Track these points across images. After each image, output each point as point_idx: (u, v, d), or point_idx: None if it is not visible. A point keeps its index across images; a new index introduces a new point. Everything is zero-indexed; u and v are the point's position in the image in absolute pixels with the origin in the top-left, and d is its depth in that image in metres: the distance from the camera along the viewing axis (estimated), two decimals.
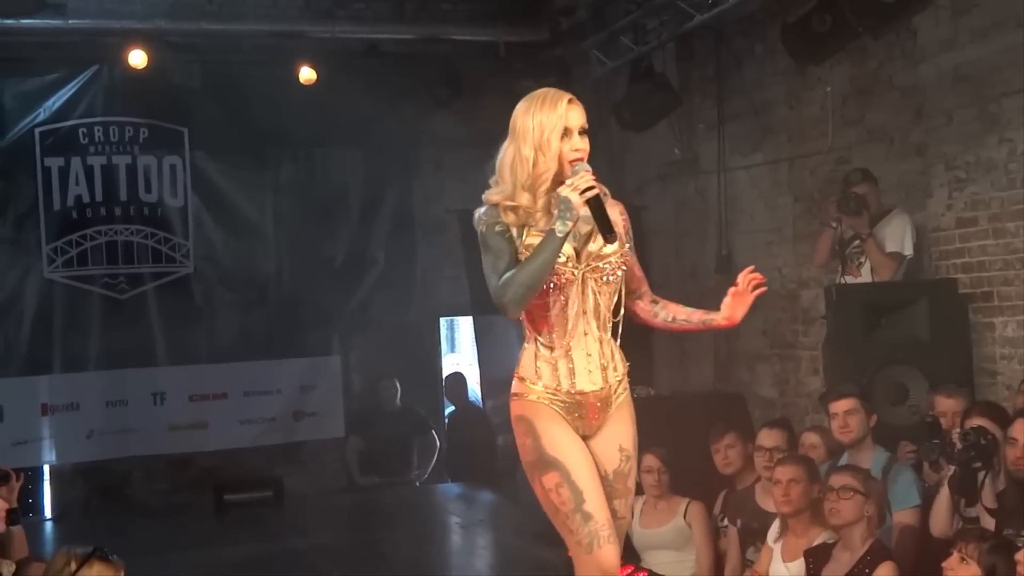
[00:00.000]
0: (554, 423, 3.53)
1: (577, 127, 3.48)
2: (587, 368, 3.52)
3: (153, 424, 9.04)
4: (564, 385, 3.52)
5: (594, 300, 3.50)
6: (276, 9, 9.07)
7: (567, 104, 3.49)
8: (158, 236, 9.16)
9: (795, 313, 7.91)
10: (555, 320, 3.51)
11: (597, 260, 3.52)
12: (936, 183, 6.69)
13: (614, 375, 3.57)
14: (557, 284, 3.46)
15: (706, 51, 8.56)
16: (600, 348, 3.54)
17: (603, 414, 3.57)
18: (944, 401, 5.37)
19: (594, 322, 3.52)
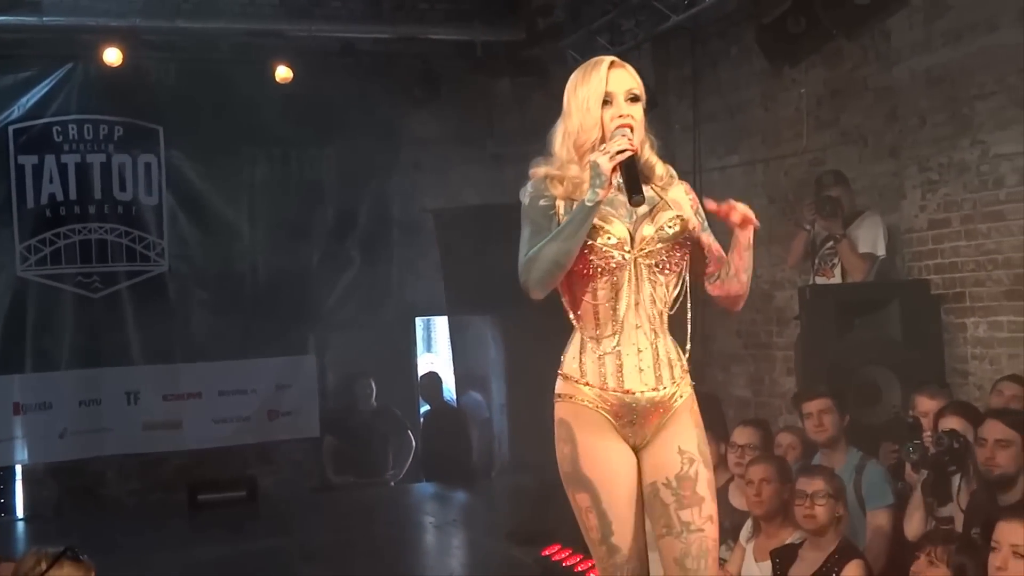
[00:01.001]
0: (597, 433, 3.20)
1: (622, 92, 3.19)
2: (638, 367, 3.17)
3: (127, 423, 9.01)
4: (611, 384, 3.17)
5: (650, 290, 3.16)
6: (252, 7, 9.03)
7: (607, 68, 3.21)
8: (132, 235, 9.12)
9: (769, 314, 7.95)
10: (603, 311, 3.17)
11: (654, 244, 3.17)
12: (909, 184, 6.73)
13: (670, 376, 3.20)
14: (605, 269, 3.14)
15: (682, 52, 8.59)
16: (654, 345, 3.19)
17: (659, 419, 3.21)
18: (926, 402, 5.38)
19: (648, 315, 3.17)
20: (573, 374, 3.22)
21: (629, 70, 3.25)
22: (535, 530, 6.51)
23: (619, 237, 3.14)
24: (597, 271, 3.14)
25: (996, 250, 6.17)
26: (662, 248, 3.16)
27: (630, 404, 3.18)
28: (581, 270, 3.14)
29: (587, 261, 3.13)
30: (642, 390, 3.17)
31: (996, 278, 6.19)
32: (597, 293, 3.16)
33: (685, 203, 3.25)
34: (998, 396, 5.60)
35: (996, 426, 4.45)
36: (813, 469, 4.96)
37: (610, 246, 3.13)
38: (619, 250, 3.14)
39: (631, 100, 3.19)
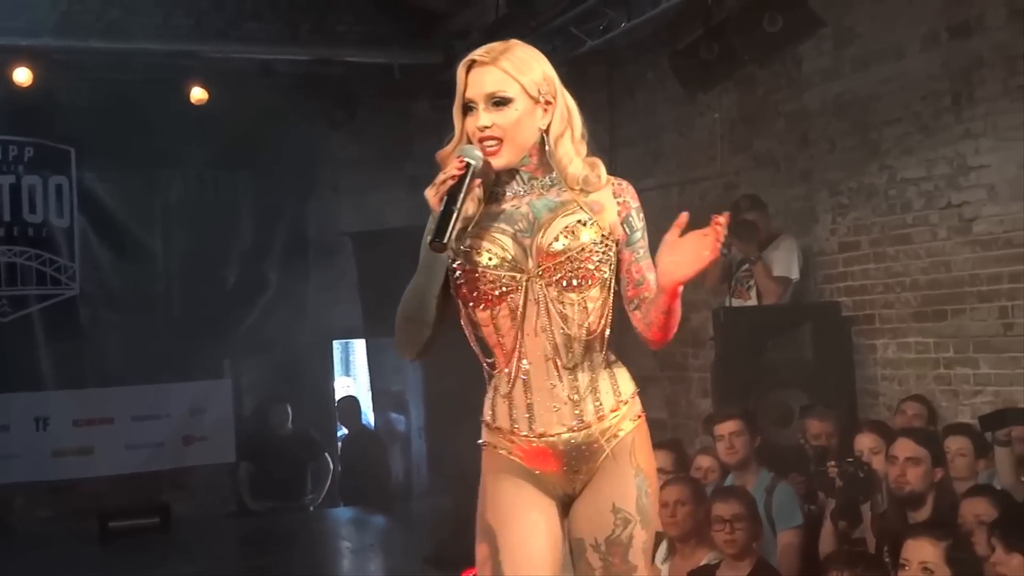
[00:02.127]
0: (506, 480, 2.78)
1: (482, 97, 2.69)
2: (551, 405, 2.73)
3: (36, 450, 8.81)
4: (522, 428, 2.74)
5: (556, 313, 2.69)
6: (167, 28, 8.94)
7: (466, 71, 2.73)
8: (43, 257, 8.95)
9: (684, 335, 8.01)
10: (506, 343, 2.73)
11: (551, 258, 2.69)
12: (821, 208, 6.87)
13: (595, 412, 2.74)
14: (495, 295, 2.69)
15: (598, 77, 8.67)
16: (573, 377, 2.73)
17: (589, 464, 2.76)
18: (815, 424, 5.51)
19: (561, 342, 2.70)
20: (488, 419, 2.82)
21: (502, 63, 2.71)
22: (453, 554, 6.47)
23: (501, 256, 2.69)
24: (487, 298, 2.70)
25: (903, 273, 6.31)
26: (565, 261, 2.68)
27: (545, 450, 2.75)
28: (473, 299, 2.72)
29: (475, 287, 2.70)
30: (558, 432, 2.73)
31: (904, 300, 6.32)
32: (496, 323, 2.72)
33: (610, 205, 2.75)
34: (902, 415, 5.75)
35: (907, 444, 4.54)
36: (727, 491, 5.00)
37: (494, 267, 2.68)
38: (507, 271, 2.69)
39: (496, 104, 2.69)
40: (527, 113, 2.72)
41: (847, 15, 6.56)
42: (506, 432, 2.77)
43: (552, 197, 2.74)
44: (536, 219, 2.71)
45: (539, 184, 2.77)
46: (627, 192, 2.78)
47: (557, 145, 2.75)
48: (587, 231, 2.69)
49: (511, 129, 2.70)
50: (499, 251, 2.69)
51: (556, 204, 2.72)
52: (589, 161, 2.78)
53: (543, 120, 2.74)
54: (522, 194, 2.76)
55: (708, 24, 6.54)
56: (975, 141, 5.89)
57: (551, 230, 2.68)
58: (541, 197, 2.75)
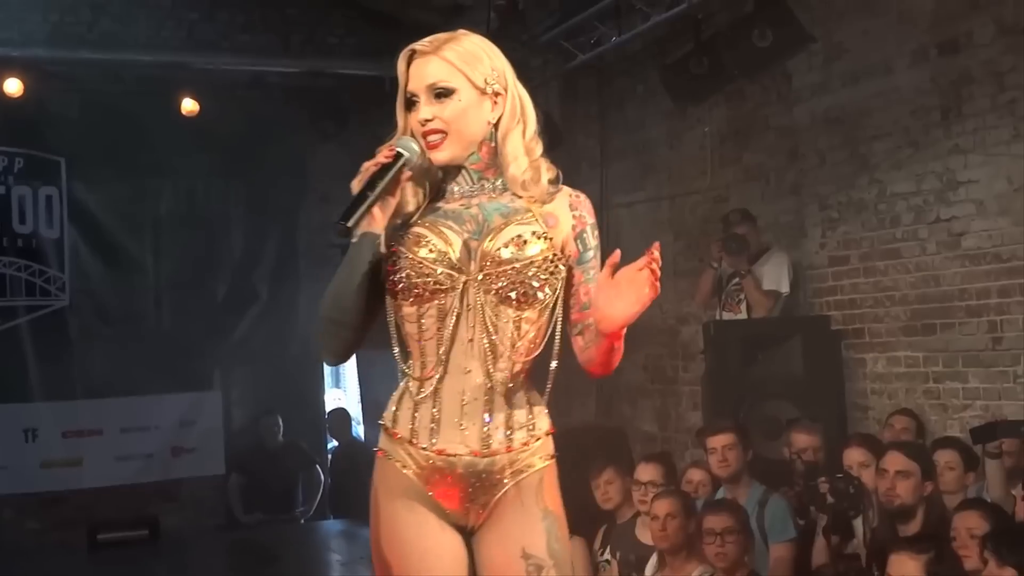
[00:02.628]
0: (401, 503, 2.53)
1: (422, 89, 2.51)
2: (458, 421, 2.48)
3: (24, 461, 8.77)
4: (422, 440, 2.49)
5: (489, 323, 2.46)
6: (158, 39, 8.94)
7: (406, 62, 2.54)
8: (32, 268, 8.92)
9: (675, 348, 8.04)
10: (427, 345, 2.49)
11: (498, 266, 2.47)
12: (810, 222, 6.89)
13: (505, 440, 2.50)
14: (426, 289, 2.46)
15: (589, 90, 8.70)
16: (488, 397, 2.48)
17: (483, 495, 2.52)
18: (800, 437, 5.53)
19: (483, 357, 2.47)
20: (387, 422, 2.57)
21: (444, 53, 2.52)
22: None
23: (442, 251, 2.47)
24: (417, 293, 2.47)
25: (893, 287, 6.34)
26: (509, 271, 2.46)
27: (442, 469, 2.49)
28: (402, 292, 2.49)
29: (407, 279, 2.47)
30: (460, 453, 2.48)
31: (893, 314, 6.35)
32: (421, 321, 2.49)
33: (565, 219, 2.57)
34: (890, 429, 5.77)
35: (897, 457, 4.56)
36: (719, 504, 5.01)
37: (431, 260, 2.47)
38: (445, 267, 2.47)
39: (438, 96, 2.50)
40: (472, 105, 2.52)
41: (837, 31, 6.60)
42: (404, 442, 2.52)
43: (505, 202, 2.55)
44: (486, 222, 2.51)
45: (490, 185, 2.57)
46: (583, 206, 2.60)
47: (505, 141, 2.56)
48: (536, 245, 2.48)
49: (455, 122, 2.51)
50: (442, 245, 2.48)
51: (509, 210, 2.53)
52: (536, 164, 2.58)
53: (492, 114, 2.55)
54: (471, 194, 2.57)
55: (698, 39, 6.59)
56: (964, 156, 5.93)
57: (501, 236, 2.48)
58: (492, 200, 2.55)
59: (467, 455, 2.49)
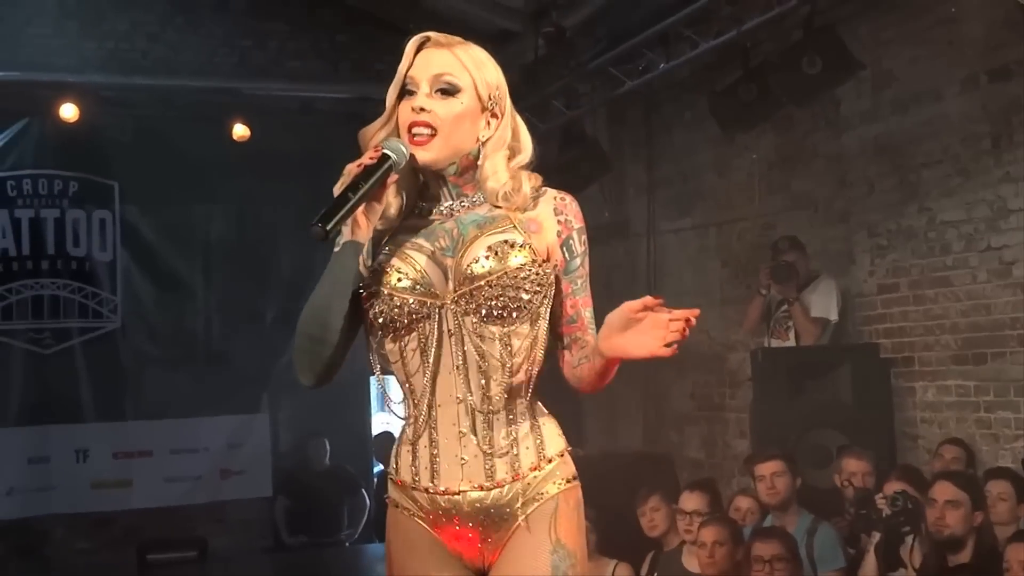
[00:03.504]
0: (413, 552, 2.38)
1: (427, 78, 2.33)
2: (459, 457, 2.31)
3: (75, 481, 8.86)
4: (423, 482, 2.33)
5: (473, 345, 2.28)
6: (210, 66, 9.07)
7: (414, 47, 2.37)
8: (86, 291, 9.04)
9: (722, 376, 8.01)
10: (414, 381, 2.33)
11: (472, 282, 2.28)
12: (859, 250, 6.86)
13: (510, 469, 2.31)
14: (402, 322, 2.29)
15: (637, 117, 8.72)
16: (487, 426, 2.31)
17: (495, 532, 2.33)
18: (851, 463, 5.48)
19: (474, 383, 2.30)
20: (391, 470, 2.42)
21: (458, 53, 2.37)
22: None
23: (413, 277, 2.29)
24: (395, 327, 2.30)
25: (943, 315, 6.28)
26: (486, 287, 2.27)
27: (449, 511, 2.32)
28: (379, 328, 2.33)
29: (381, 314, 2.31)
30: (463, 490, 2.31)
31: (944, 343, 6.29)
32: (404, 356, 2.33)
33: (549, 224, 2.39)
34: (939, 459, 5.71)
35: (946, 487, 4.51)
36: (768, 531, 4.98)
37: (402, 290, 2.29)
38: (417, 295, 2.29)
39: (441, 91, 2.33)
40: (471, 114, 2.35)
41: (886, 58, 6.58)
42: (408, 487, 2.36)
43: (483, 212, 2.36)
44: (461, 236, 2.32)
45: (468, 200, 2.39)
46: (569, 210, 2.42)
47: (486, 160, 2.38)
48: (517, 254, 2.29)
49: (449, 123, 2.32)
50: (410, 270, 2.29)
51: (484, 220, 2.34)
52: (516, 176, 2.40)
53: (484, 132, 2.38)
54: (448, 211, 2.38)
55: (747, 66, 6.59)
56: (1015, 184, 5.88)
57: (473, 249, 2.29)
58: (470, 212, 2.38)
59: (471, 490, 2.31)
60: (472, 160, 2.38)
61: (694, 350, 8.21)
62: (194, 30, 9.07)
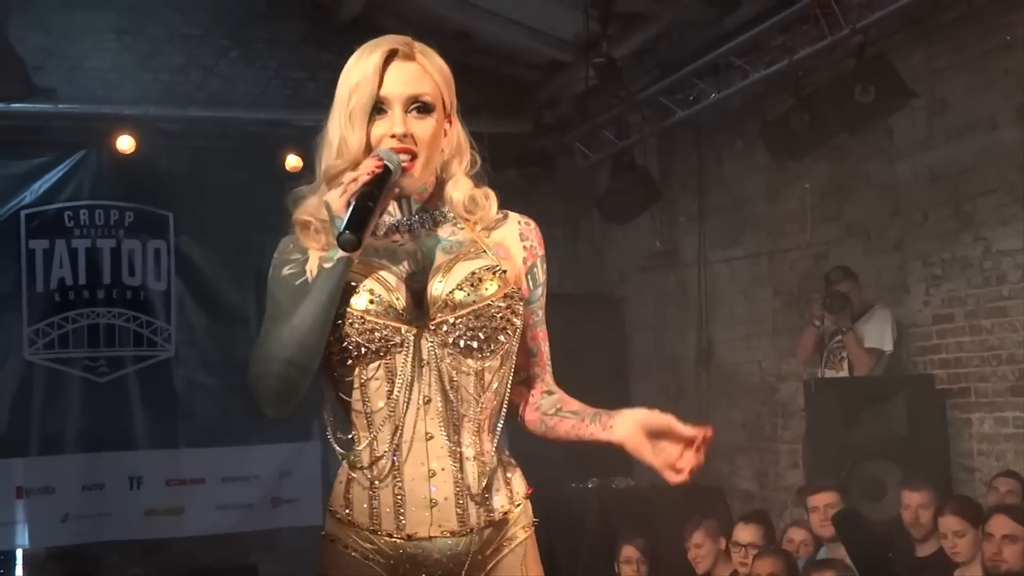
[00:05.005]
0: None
1: (401, 99, 2.16)
2: (428, 499, 2.13)
3: (129, 509, 8.94)
4: (387, 527, 2.14)
5: (447, 379, 2.12)
6: (264, 97, 9.20)
7: (382, 59, 2.15)
8: (140, 320, 9.15)
9: (774, 406, 7.94)
10: (376, 414, 2.14)
11: (449, 311, 2.12)
12: (913, 279, 6.78)
13: (483, 512, 2.15)
14: (372, 350, 2.11)
15: (687, 146, 8.70)
16: (458, 465, 2.13)
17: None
18: (910, 495, 5.40)
19: (449, 419, 2.13)
20: (338, 509, 2.21)
21: (422, 61, 2.20)
22: None
23: (387, 301, 2.11)
24: (359, 353, 2.11)
25: (1000, 346, 6.20)
26: (466, 317, 2.12)
27: (415, 557, 2.14)
28: (338, 353, 2.13)
29: (345, 338, 2.11)
30: (432, 535, 2.13)
31: (1001, 374, 6.20)
32: (366, 387, 2.14)
33: (516, 250, 2.26)
34: (994, 492, 5.61)
35: (1003, 521, 4.45)
36: (825, 564, 4.93)
37: (375, 314, 2.10)
38: (392, 320, 2.11)
39: (418, 111, 2.17)
40: (440, 129, 2.22)
41: (940, 85, 6.52)
42: (363, 529, 2.16)
43: (446, 236, 2.20)
44: (426, 260, 2.16)
45: (428, 217, 2.23)
46: (534, 235, 2.29)
47: (446, 168, 2.26)
48: (492, 284, 2.14)
49: (428, 144, 2.17)
50: (383, 292, 2.11)
51: (453, 244, 2.19)
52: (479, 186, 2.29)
53: (445, 141, 2.26)
54: (406, 228, 2.21)
55: (799, 95, 6.57)
56: None
57: (453, 276, 2.13)
58: (431, 234, 2.21)
59: (442, 536, 2.13)
60: (436, 174, 2.26)
61: (745, 380, 8.15)
62: (248, 63, 9.20)
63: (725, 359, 8.42)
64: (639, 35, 7.76)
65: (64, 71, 8.59)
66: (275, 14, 9.29)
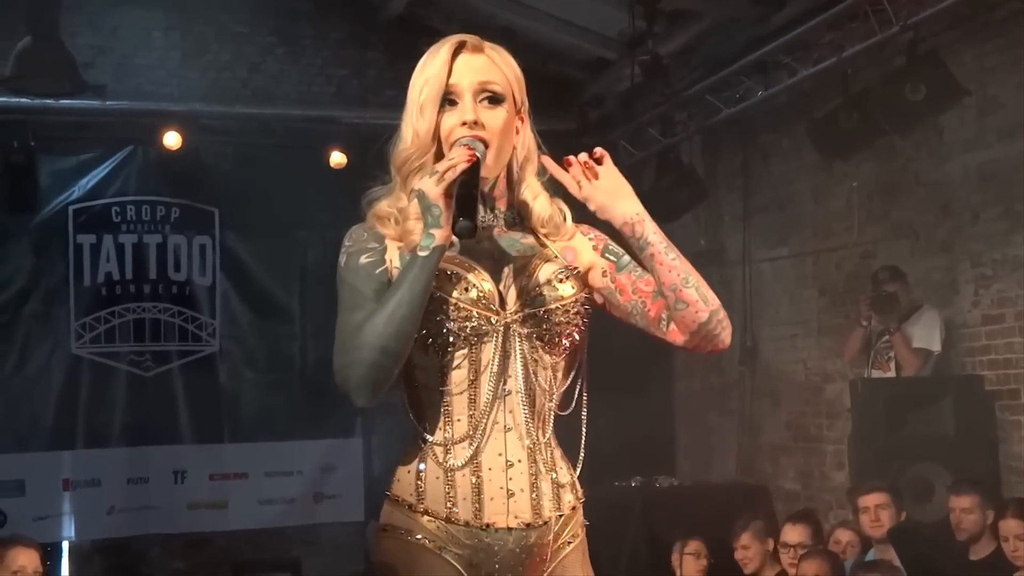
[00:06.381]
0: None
1: (471, 87, 2.17)
2: (505, 489, 2.14)
3: (173, 502, 9.01)
4: (462, 515, 2.14)
5: (527, 373, 2.15)
6: (309, 94, 9.24)
7: (451, 52, 2.19)
8: (185, 315, 9.20)
9: (819, 406, 7.88)
10: (455, 402, 2.16)
11: (535, 306, 2.16)
12: (962, 280, 6.70)
13: (554, 506, 2.19)
14: (461, 336, 2.13)
15: (733, 144, 8.65)
16: (532, 458, 2.16)
17: (534, 573, 2.17)
18: (955, 499, 5.34)
19: (526, 412, 2.16)
20: (407, 497, 2.19)
21: (491, 54, 2.22)
22: None
23: (482, 290, 2.14)
24: (450, 341, 2.12)
25: None
26: (545, 313, 2.15)
27: (491, 547, 2.14)
28: (426, 340, 2.13)
29: (437, 325, 2.12)
30: (510, 525, 2.14)
31: None
32: (448, 375, 2.15)
33: (583, 246, 2.29)
34: None
35: None
36: (873, 566, 4.89)
37: (469, 302, 2.13)
38: (483, 309, 2.13)
39: (488, 101, 2.18)
40: (510, 123, 2.22)
41: (992, 84, 6.44)
42: (439, 519, 2.14)
43: (516, 237, 2.24)
44: (505, 257, 2.20)
45: (502, 216, 2.26)
46: (595, 230, 2.32)
47: (523, 172, 2.28)
48: (568, 285, 2.20)
49: (498, 135, 2.18)
50: (478, 282, 2.14)
51: (525, 247, 2.22)
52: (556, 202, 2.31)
53: (516, 139, 2.26)
54: (483, 225, 2.20)
55: (847, 93, 6.50)
56: None
57: (539, 272, 2.18)
58: (505, 234, 2.25)
59: (519, 527, 2.14)
60: (506, 171, 2.27)
61: (790, 380, 8.09)
62: (294, 60, 9.24)
63: (770, 359, 8.36)
64: (685, 32, 7.71)
65: (113, 68, 8.67)
66: (321, 12, 9.32)
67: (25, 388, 8.70)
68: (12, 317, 8.70)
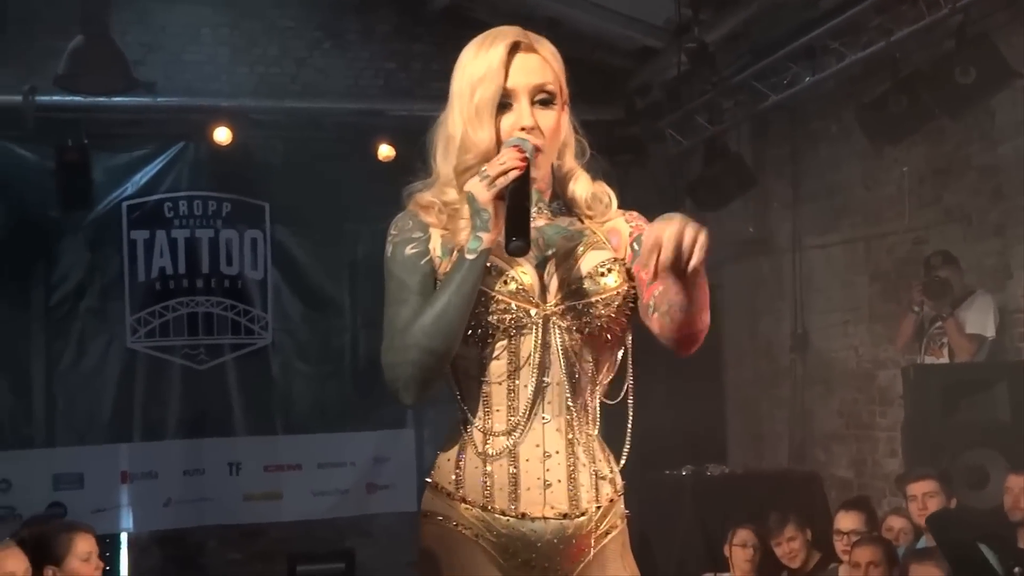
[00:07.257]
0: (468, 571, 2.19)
1: (527, 89, 2.17)
2: (543, 480, 2.15)
3: (228, 494, 9.12)
4: (500, 504, 2.16)
5: (570, 363, 2.16)
6: (357, 88, 9.29)
7: (507, 52, 2.17)
8: (238, 308, 9.30)
9: (872, 393, 7.82)
10: (495, 392, 2.17)
11: (576, 297, 2.16)
12: (1016, 264, 6.63)
13: (593, 497, 2.19)
14: (501, 329, 2.14)
15: (781, 131, 8.59)
16: (571, 449, 2.17)
17: (573, 565, 2.19)
18: (1014, 479, 5.28)
19: (565, 403, 2.16)
20: (446, 485, 2.23)
21: (542, 51, 2.20)
22: None
23: (525, 283, 2.15)
24: (489, 332, 2.13)
25: None
26: (589, 304, 2.15)
27: (527, 537, 2.16)
28: (467, 331, 2.14)
29: (476, 317, 2.13)
30: (547, 516, 2.15)
31: None
32: (488, 366, 2.17)
33: (624, 232, 2.27)
34: None
35: None
36: (925, 554, 4.85)
37: (508, 295, 2.14)
38: (524, 302, 2.14)
39: (542, 103, 2.18)
40: (561, 118, 2.23)
41: None
42: (476, 507, 2.17)
43: (564, 224, 2.24)
44: (549, 247, 2.19)
45: (547, 207, 2.26)
46: (638, 218, 2.29)
47: (563, 159, 2.28)
48: (614, 275, 2.18)
49: (552, 136, 2.19)
50: (517, 275, 2.15)
51: (573, 233, 2.21)
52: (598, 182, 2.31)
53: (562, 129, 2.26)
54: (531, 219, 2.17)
55: (896, 77, 6.44)
56: None
57: (582, 264, 2.17)
58: (551, 223, 2.25)
59: (556, 518, 2.16)
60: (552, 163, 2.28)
61: (842, 367, 8.04)
62: (341, 54, 9.30)
63: (821, 346, 8.31)
64: (731, 19, 7.66)
65: (163, 65, 8.77)
66: (367, 6, 9.38)
67: (82, 383, 8.85)
68: (69, 312, 8.85)
